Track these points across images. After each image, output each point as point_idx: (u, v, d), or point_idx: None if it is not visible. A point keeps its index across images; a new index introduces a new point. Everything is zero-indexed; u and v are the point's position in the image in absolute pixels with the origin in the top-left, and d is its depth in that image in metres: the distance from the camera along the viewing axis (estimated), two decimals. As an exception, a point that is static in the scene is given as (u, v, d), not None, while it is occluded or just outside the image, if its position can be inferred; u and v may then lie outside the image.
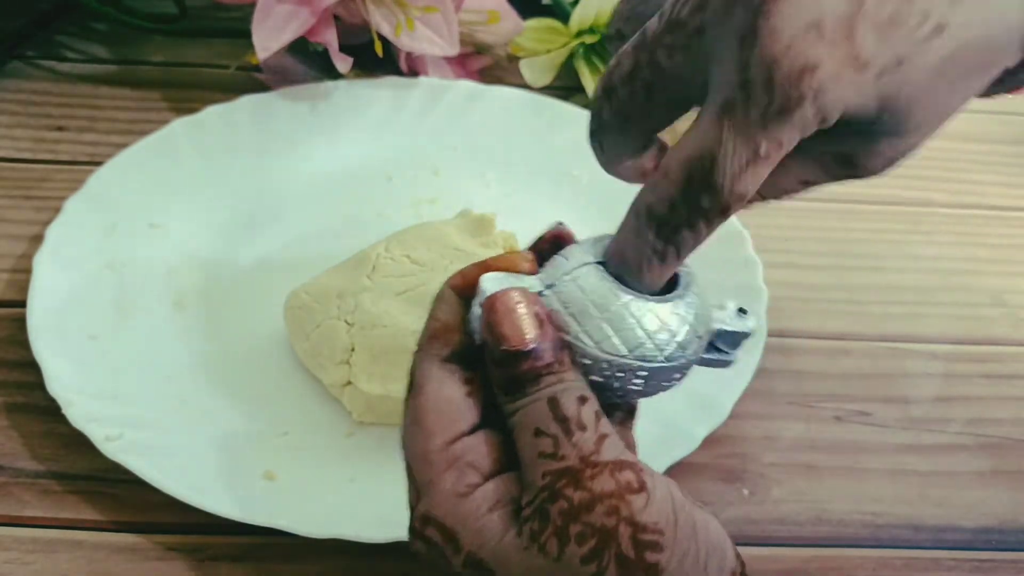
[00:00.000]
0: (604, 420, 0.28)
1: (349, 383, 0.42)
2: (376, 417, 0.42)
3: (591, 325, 0.28)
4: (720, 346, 0.31)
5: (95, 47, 0.65)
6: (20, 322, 0.44)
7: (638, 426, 0.32)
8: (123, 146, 0.53)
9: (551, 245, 0.31)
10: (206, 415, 0.43)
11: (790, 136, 0.26)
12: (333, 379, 0.43)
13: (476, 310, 0.29)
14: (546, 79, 0.62)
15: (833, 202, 0.58)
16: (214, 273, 0.49)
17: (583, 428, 0.28)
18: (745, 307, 0.32)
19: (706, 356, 0.31)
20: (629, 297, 0.28)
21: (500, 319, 0.28)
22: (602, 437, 0.28)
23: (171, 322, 0.47)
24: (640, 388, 0.29)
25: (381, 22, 0.56)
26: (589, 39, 0.61)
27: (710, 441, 0.42)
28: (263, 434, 0.42)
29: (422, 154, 0.56)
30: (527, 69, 0.61)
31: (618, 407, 0.32)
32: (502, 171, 0.56)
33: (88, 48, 0.65)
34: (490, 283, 0.29)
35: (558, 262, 0.30)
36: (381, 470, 0.38)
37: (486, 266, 0.30)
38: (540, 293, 0.29)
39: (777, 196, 0.32)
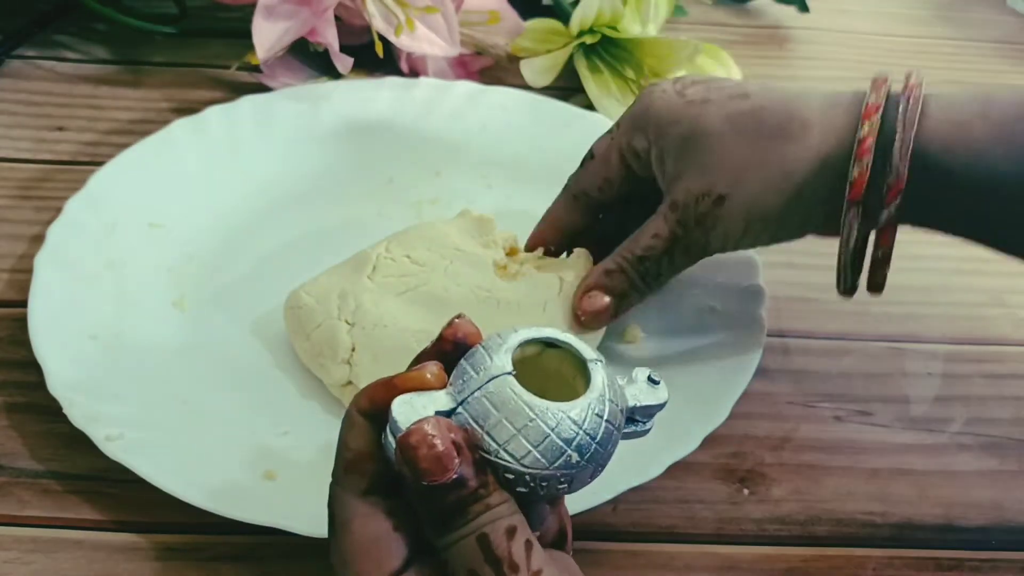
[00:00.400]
0: (536, 550, 0.28)
1: (350, 383, 0.42)
2: (376, 417, 0.42)
3: (509, 441, 0.28)
4: (636, 418, 0.31)
5: (95, 47, 0.65)
6: (21, 322, 0.44)
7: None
8: (123, 146, 0.53)
9: (455, 347, 0.30)
10: (206, 415, 0.43)
11: (625, 125, 0.43)
12: (333, 379, 0.43)
13: (390, 439, 0.28)
14: (546, 79, 0.62)
15: (833, 202, 0.58)
16: (214, 273, 0.49)
17: (515, 569, 0.27)
18: (656, 375, 0.31)
19: (624, 432, 0.30)
20: (542, 408, 0.28)
21: (418, 454, 0.27)
22: (536, 575, 0.27)
23: (171, 322, 0.47)
24: (566, 489, 0.29)
25: (381, 22, 0.56)
26: (589, 40, 0.62)
27: (710, 441, 0.42)
28: (263, 434, 0.42)
29: (423, 154, 0.56)
30: (527, 69, 0.61)
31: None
32: (503, 172, 0.56)
33: (88, 48, 0.65)
34: (401, 411, 0.28)
35: (467, 374, 0.29)
36: (381, 470, 0.38)
37: (392, 386, 0.29)
38: (454, 411, 0.28)
39: (643, 253, 0.42)
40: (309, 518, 0.37)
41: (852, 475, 0.44)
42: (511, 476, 0.28)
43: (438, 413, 0.28)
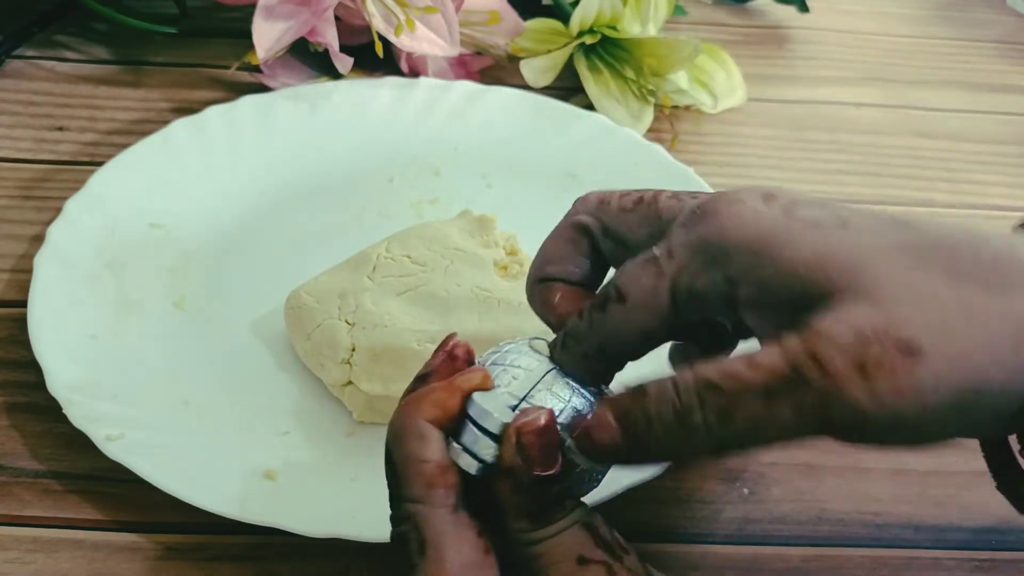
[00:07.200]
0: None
1: (350, 383, 0.42)
2: (377, 417, 0.42)
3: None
4: None
5: (95, 47, 0.65)
6: (21, 322, 0.44)
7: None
8: (123, 146, 0.53)
9: (466, 364, 0.30)
10: (206, 415, 0.43)
11: (683, 249, 0.27)
12: (334, 379, 0.43)
13: (478, 438, 0.28)
14: (546, 79, 0.62)
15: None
16: (214, 273, 0.49)
17: (627, 551, 0.27)
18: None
19: None
20: (595, 394, 0.29)
21: (535, 442, 0.27)
22: (639, 557, 0.27)
23: (171, 322, 0.47)
24: (598, 483, 0.30)
25: (381, 22, 0.56)
26: (589, 40, 0.61)
27: (710, 441, 0.42)
28: (263, 434, 0.42)
29: (423, 154, 0.56)
30: (527, 69, 0.61)
31: None
32: (503, 172, 0.56)
33: (88, 48, 0.65)
34: (489, 406, 0.28)
35: (510, 372, 0.29)
36: (382, 470, 0.38)
37: (457, 388, 0.28)
38: (516, 407, 0.29)
39: (718, 380, 0.25)
40: (309, 518, 0.37)
41: (852, 475, 0.44)
42: (579, 469, 0.28)
43: (509, 408, 0.29)
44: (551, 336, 0.31)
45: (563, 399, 0.29)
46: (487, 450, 0.28)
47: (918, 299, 0.24)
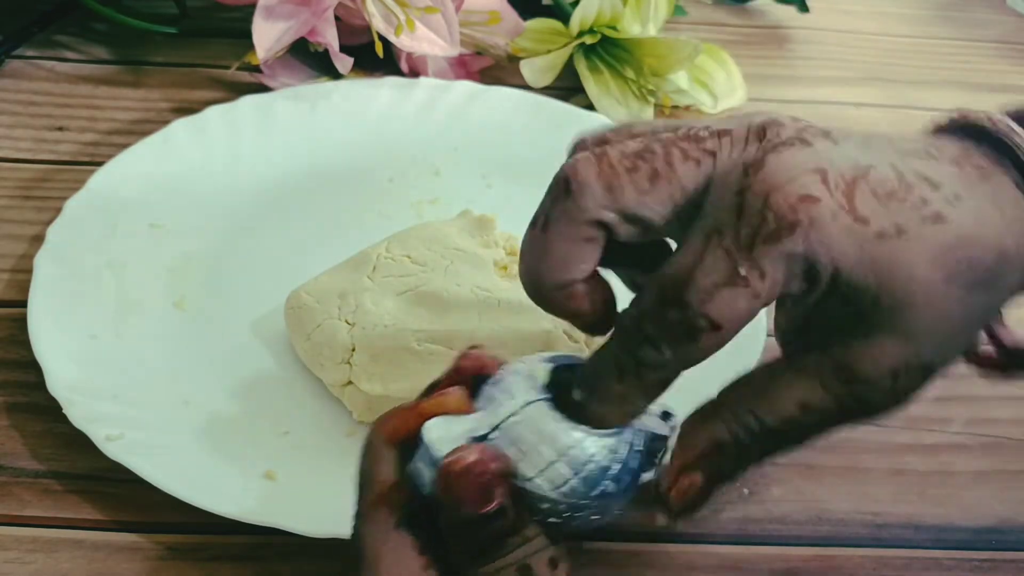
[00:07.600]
0: None
1: (350, 383, 0.42)
2: (376, 417, 0.42)
3: (546, 469, 0.27)
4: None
5: (95, 47, 0.65)
6: (21, 322, 0.44)
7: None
8: (123, 146, 0.53)
9: (475, 375, 0.29)
10: (206, 415, 0.43)
11: (774, 267, 0.26)
12: (333, 379, 0.43)
13: (421, 468, 0.27)
14: (546, 79, 0.62)
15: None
16: (214, 273, 0.49)
17: None
18: (670, 410, 0.30)
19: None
20: (581, 435, 0.27)
21: (461, 483, 0.26)
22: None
23: (171, 322, 0.47)
24: (597, 519, 0.28)
25: (381, 22, 0.56)
26: (589, 40, 0.62)
27: (710, 441, 0.42)
28: (263, 434, 0.42)
29: (423, 154, 0.56)
30: (527, 69, 0.61)
31: None
32: (503, 172, 0.56)
33: (88, 48, 0.65)
34: (436, 435, 0.27)
35: (497, 399, 0.28)
36: (381, 470, 0.39)
37: (418, 413, 0.28)
38: (486, 436, 0.27)
39: (779, 427, 0.29)
40: (309, 518, 0.37)
41: (852, 475, 0.44)
42: (546, 505, 0.27)
43: (472, 439, 0.27)
44: (564, 348, 0.30)
45: (536, 432, 0.27)
46: (424, 481, 0.28)
47: (939, 326, 0.28)
